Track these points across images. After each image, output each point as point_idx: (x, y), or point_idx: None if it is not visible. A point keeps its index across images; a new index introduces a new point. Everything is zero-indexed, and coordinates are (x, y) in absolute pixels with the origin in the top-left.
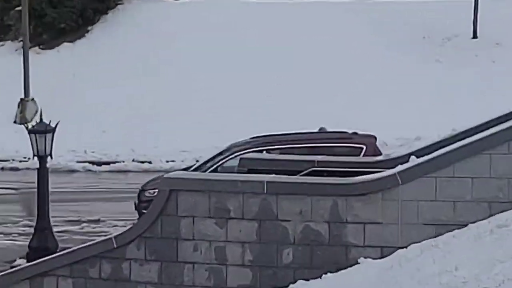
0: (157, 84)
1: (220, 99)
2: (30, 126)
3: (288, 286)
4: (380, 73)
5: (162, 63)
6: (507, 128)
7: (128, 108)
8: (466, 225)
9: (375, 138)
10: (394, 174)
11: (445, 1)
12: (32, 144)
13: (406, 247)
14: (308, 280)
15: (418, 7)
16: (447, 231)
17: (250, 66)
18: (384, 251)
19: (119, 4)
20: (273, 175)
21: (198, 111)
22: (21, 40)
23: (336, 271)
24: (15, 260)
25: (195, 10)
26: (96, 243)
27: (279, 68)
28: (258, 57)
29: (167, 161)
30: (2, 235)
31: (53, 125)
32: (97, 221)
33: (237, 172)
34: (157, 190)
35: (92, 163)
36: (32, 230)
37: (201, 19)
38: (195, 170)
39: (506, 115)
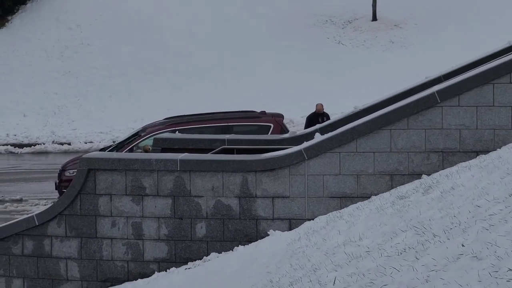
0: (75, 70)
1: (136, 84)
2: None
3: (201, 258)
4: (285, 56)
5: (79, 50)
6: (406, 105)
7: (47, 92)
8: (369, 197)
9: (282, 116)
10: (300, 150)
11: None
12: None
13: (313, 219)
14: (220, 252)
15: None
16: (352, 203)
17: (168, 54)
18: (292, 224)
19: None
20: (186, 153)
21: (115, 94)
22: None
23: (247, 244)
24: None
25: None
26: (18, 221)
27: (194, 54)
28: (174, 45)
29: (86, 142)
30: None
31: None
32: (20, 200)
33: (152, 151)
34: (76, 170)
35: (14, 145)
36: None
37: (117, 8)
38: (112, 150)
39: (405, 92)
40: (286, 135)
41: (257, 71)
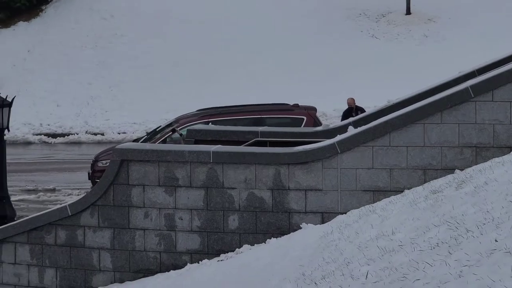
0: (109, 60)
1: (169, 75)
2: None
3: (234, 250)
4: (319, 49)
5: (113, 40)
6: (440, 100)
7: (80, 82)
8: (402, 192)
9: (315, 109)
10: (333, 143)
11: None
12: None
13: (345, 213)
14: (253, 244)
15: None
16: (384, 197)
17: (202, 46)
18: (325, 217)
19: None
20: (219, 145)
21: (148, 85)
22: None
23: (280, 236)
24: None
25: None
26: (52, 211)
27: (227, 47)
28: (208, 38)
29: (119, 133)
30: None
31: (9, 100)
32: (53, 190)
33: (185, 143)
34: (109, 161)
35: (48, 135)
36: None
37: (152, 1)
38: (145, 141)
39: (438, 86)
40: (319, 128)
41: (289, 64)
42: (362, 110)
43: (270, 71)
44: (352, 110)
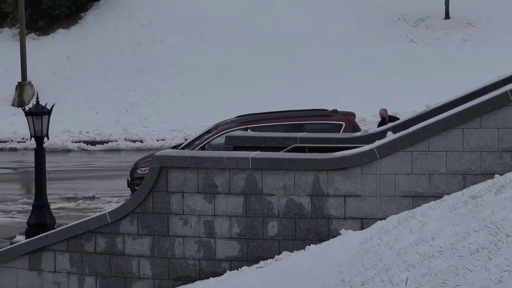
0: (147, 67)
1: (208, 81)
2: (27, 109)
3: (273, 257)
4: (357, 54)
5: (151, 47)
6: (478, 104)
7: (119, 89)
8: (441, 197)
9: (354, 115)
10: (372, 149)
11: None
12: (29, 126)
13: (384, 218)
14: (292, 251)
15: None
16: (424, 203)
17: (240, 50)
18: (364, 223)
19: None
20: (258, 151)
21: (186, 91)
22: (18, 27)
23: (319, 243)
24: (14, 237)
25: None
26: (91, 219)
27: (266, 51)
28: (246, 42)
29: (158, 140)
30: (2, 213)
31: (49, 108)
32: (92, 198)
33: (224, 149)
34: (148, 168)
35: (87, 142)
36: (30, 207)
37: (189, 5)
38: (184, 148)
39: (477, 91)
40: (358, 134)
41: (329, 68)
42: (396, 119)
43: (310, 76)
44: (384, 120)
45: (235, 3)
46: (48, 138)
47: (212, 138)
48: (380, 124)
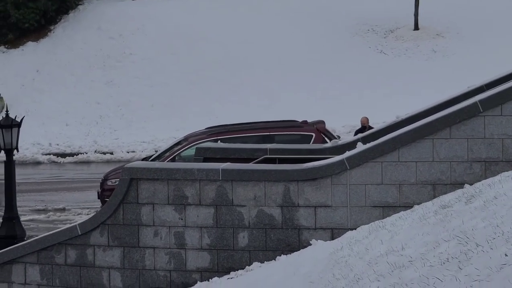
0: (117, 79)
1: (178, 93)
2: None
3: (244, 268)
4: (327, 65)
5: (121, 60)
6: (448, 115)
7: (89, 102)
8: (411, 207)
9: (323, 122)
10: (342, 159)
11: None
12: None
13: (355, 228)
14: (263, 262)
15: (363, 1)
16: (394, 213)
17: (210, 63)
18: (334, 233)
19: (80, 4)
20: (228, 163)
21: (157, 104)
22: None
23: (289, 253)
24: None
25: (153, 9)
26: (61, 230)
27: (236, 64)
28: (216, 55)
29: (128, 152)
30: None
31: (18, 120)
32: (63, 209)
33: (194, 161)
34: (118, 179)
35: (57, 155)
36: (0, 219)
37: (159, 18)
38: (154, 159)
39: (447, 101)
40: (328, 145)
41: (299, 80)
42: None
43: (280, 87)
44: (365, 129)
45: (205, 17)
46: (17, 151)
47: (183, 149)
48: (358, 132)
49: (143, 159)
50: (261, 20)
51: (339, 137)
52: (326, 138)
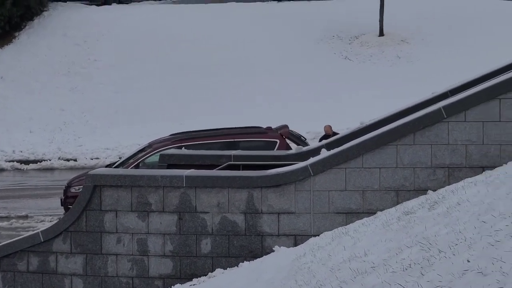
0: (82, 86)
1: (143, 100)
2: None
3: (207, 274)
4: (293, 70)
5: (86, 66)
6: (412, 121)
7: (53, 108)
8: (375, 213)
9: (287, 126)
10: (306, 166)
11: (353, 1)
12: None
13: (318, 235)
14: (225, 268)
15: (328, 7)
16: (357, 219)
17: (175, 70)
18: (297, 240)
19: (45, 10)
20: (192, 169)
21: (121, 110)
22: None
23: (252, 260)
24: None
25: (119, 15)
26: (24, 238)
27: (202, 71)
28: (181, 62)
29: (92, 159)
30: None
31: None
32: (25, 217)
33: (158, 168)
34: (82, 186)
35: (20, 161)
36: None
37: (124, 24)
38: (118, 166)
39: (411, 107)
40: (292, 151)
41: (265, 86)
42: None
43: (246, 93)
44: (328, 137)
45: (171, 23)
46: None
47: (146, 156)
48: (322, 139)
49: (107, 166)
50: (229, 25)
51: (305, 138)
52: (291, 144)
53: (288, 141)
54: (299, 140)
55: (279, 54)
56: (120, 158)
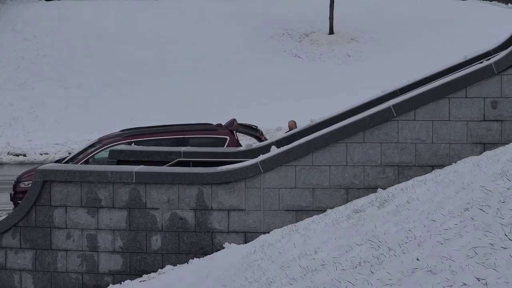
0: (31, 81)
1: (93, 96)
2: None
3: (156, 271)
4: (241, 68)
5: (38, 62)
6: (362, 119)
7: (2, 103)
8: (325, 211)
9: (235, 119)
10: (256, 163)
11: None
12: None
13: (268, 232)
14: (175, 265)
15: (278, 5)
16: (307, 217)
17: (125, 66)
18: (247, 237)
19: None
20: (142, 166)
21: (71, 106)
22: None
23: (203, 256)
24: None
25: (69, 11)
26: None
27: (151, 66)
28: (131, 58)
29: (41, 154)
30: None
31: None
32: None
33: (108, 163)
34: (31, 182)
35: None
36: None
37: (74, 19)
38: (67, 162)
39: (361, 105)
40: (241, 148)
41: (215, 82)
42: None
43: (197, 89)
44: None
45: (121, 19)
46: None
47: (96, 152)
48: None
49: (57, 161)
50: (179, 22)
51: (256, 126)
52: (245, 136)
53: (240, 134)
54: (251, 129)
55: (229, 51)
56: (69, 153)
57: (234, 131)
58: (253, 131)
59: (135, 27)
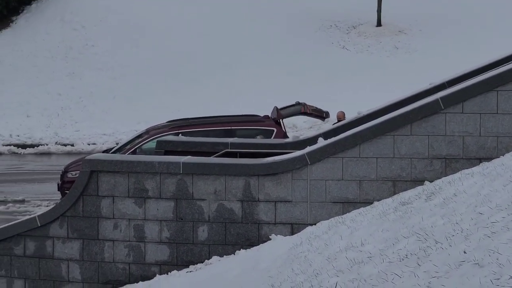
0: (79, 71)
1: (141, 86)
2: None
3: (203, 261)
4: (290, 59)
5: (83, 51)
6: (410, 111)
7: (51, 93)
8: (371, 203)
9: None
10: (303, 154)
11: None
12: None
13: (315, 224)
14: (222, 256)
15: None
16: (354, 209)
17: (171, 57)
18: (294, 228)
19: None
20: (189, 156)
21: (119, 96)
22: None
23: (249, 248)
24: None
25: (116, 2)
26: (21, 222)
27: (196, 57)
28: (177, 48)
29: (89, 144)
30: None
31: None
32: (22, 201)
33: (155, 154)
34: (79, 172)
35: (17, 146)
36: None
37: (122, 11)
38: (115, 152)
39: (409, 98)
40: (289, 140)
41: (261, 74)
42: None
43: (242, 81)
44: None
45: (168, 11)
46: None
47: (144, 142)
48: None
49: (104, 152)
50: (224, 15)
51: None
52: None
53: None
54: (318, 111)
55: (275, 43)
56: (117, 144)
57: (281, 120)
58: (319, 112)
59: (180, 18)
